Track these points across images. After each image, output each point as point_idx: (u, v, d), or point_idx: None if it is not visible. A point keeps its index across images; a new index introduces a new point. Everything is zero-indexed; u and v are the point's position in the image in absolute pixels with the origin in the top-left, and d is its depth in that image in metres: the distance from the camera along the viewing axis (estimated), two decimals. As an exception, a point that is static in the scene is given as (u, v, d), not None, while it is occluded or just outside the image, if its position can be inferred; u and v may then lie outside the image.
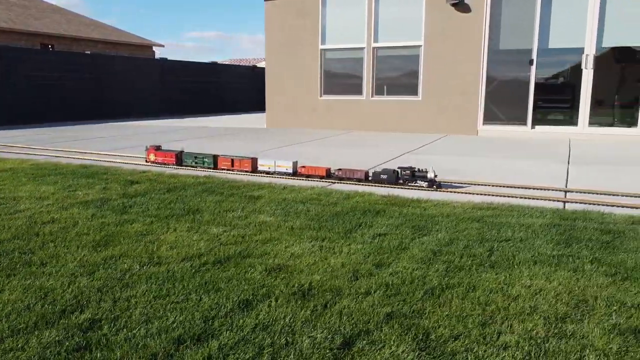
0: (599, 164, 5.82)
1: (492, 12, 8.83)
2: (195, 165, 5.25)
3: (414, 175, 4.29)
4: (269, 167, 4.83)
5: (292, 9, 10.36)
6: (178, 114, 17.16)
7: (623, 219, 3.30)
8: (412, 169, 4.32)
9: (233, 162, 4.99)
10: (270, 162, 4.83)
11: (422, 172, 4.29)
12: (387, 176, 4.33)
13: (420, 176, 4.26)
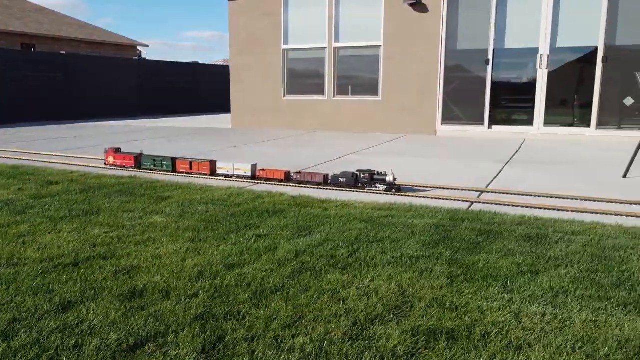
0: (537, 164, 5.83)
1: (449, 12, 8.84)
2: (154, 168, 5.12)
3: (372, 178, 4.18)
4: (228, 170, 4.73)
5: (256, 9, 10.35)
6: (156, 114, 17.13)
7: (512, 220, 3.30)
8: (372, 172, 4.20)
9: (191, 165, 4.89)
10: (229, 165, 4.74)
11: (381, 175, 4.18)
12: (346, 180, 4.24)
13: (379, 179, 4.16)
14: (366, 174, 4.20)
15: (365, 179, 4.19)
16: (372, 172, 4.20)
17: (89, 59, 17.08)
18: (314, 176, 4.38)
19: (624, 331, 1.80)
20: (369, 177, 4.18)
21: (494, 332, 1.80)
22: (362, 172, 4.22)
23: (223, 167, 4.76)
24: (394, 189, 4.11)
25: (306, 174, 4.45)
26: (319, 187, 4.32)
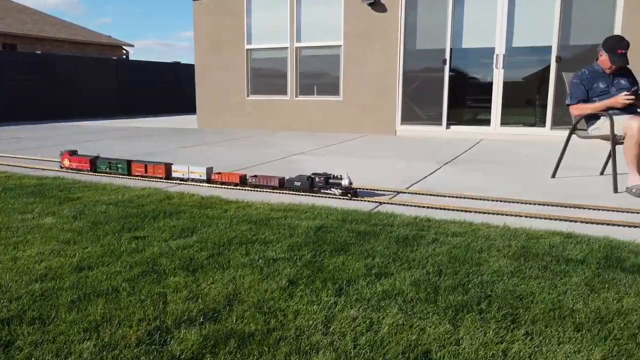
0: (478, 164, 5.84)
1: (407, 12, 8.81)
2: (109, 171, 4.98)
3: (327, 182, 4.01)
4: (183, 173, 4.58)
5: (219, 9, 10.32)
6: (138, 114, 17.11)
7: (401, 221, 3.27)
8: (327, 176, 4.04)
9: (147, 168, 4.75)
10: (184, 168, 4.58)
11: (336, 179, 4.00)
12: (301, 183, 4.08)
13: (335, 183, 3.98)
14: (321, 177, 4.03)
15: (321, 183, 4.02)
16: (327, 176, 4.03)
17: (67, 58, 17.04)
18: (269, 180, 4.22)
19: (420, 336, 1.77)
20: (324, 181, 4.01)
21: (291, 337, 1.77)
22: (317, 176, 4.06)
23: (178, 171, 4.61)
24: (350, 194, 3.93)
25: (262, 178, 4.27)
26: (274, 190, 4.17)
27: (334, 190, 3.98)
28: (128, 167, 4.87)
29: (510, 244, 2.75)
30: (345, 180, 3.93)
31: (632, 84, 4.59)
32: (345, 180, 3.93)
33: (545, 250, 2.65)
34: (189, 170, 4.55)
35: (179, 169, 4.62)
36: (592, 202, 3.79)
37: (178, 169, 4.63)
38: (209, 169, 4.51)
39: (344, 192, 3.94)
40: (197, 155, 6.74)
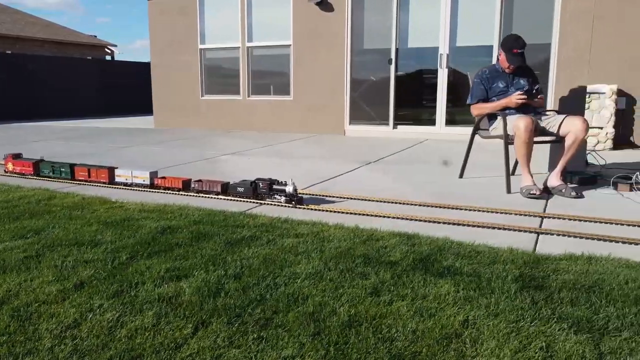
0: (399, 165, 5.81)
1: (353, 12, 8.77)
2: (52, 175, 4.77)
3: (271, 188, 3.77)
4: (126, 178, 4.40)
5: (173, 9, 10.28)
6: (115, 114, 17.06)
7: (257, 222, 3.23)
8: (271, 181, 3.79)
9: (90, 172, 4.56)
10: (127, 172, 4.40)
11: (280, 185, 3.74)
12: (244, 189, 3.85)
13: (278, 190, 3.73)
14: (265, 183, 3.79)
15: (264, 189, 3.79)
16: (272, 182, 3.78)
17: (43, 58, 17.03)
18: (212, 185, 4.01)
19: (150, 340, 1.73)
20: (267, 187, 3.78)
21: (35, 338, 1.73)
22: (261, 181, 3.82)
23: (122, 175, 4.43)
24: (294, 201, 3.68)
25: (205, 183, 4.05)
26: (217, 196, 3.96)
27: (277, 197, 3.74)
28: (71, 171, 4.68)
29: (340, 245, 2.71)
30: (290, 186, 3.66)
31: (532, 83, 4.55)
32: (290, 186, 3.66)
33: (367, 252, 2.60)
34: (132, 174, 4.37)
35: (123, 173, 4.43)
36: (480, 203, 3.73)
37: (121, 173, 4.44)
38: (152, 173, 4.32)
39: (289, 199, 3.69)
40: (133, 154, 6.70)
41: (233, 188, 3.92)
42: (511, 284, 2.16)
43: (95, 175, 4.53)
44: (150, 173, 4.30)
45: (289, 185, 3.67)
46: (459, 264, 2.41)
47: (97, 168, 4.54)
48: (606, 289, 2.10)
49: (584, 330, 1.75)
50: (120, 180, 4.43)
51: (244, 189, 3.85)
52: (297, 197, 3.68)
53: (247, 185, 3.84)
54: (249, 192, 3.83)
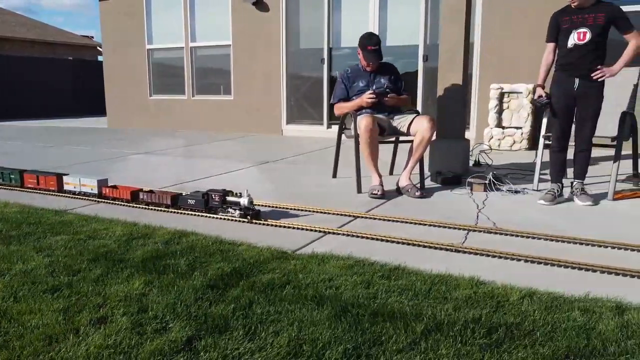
0: (291, 164, 5.81)
1: (288, 12, 8.79)
2: (2, 182, 4.51)
3: (224, 201, 3.38)
4: (74, 186, 4.11)
5: (121, 10, 10.39)
6: (93, 113, 17.28)
7: (74, 219, 3.29)
8: (224, 193, 3.41)
9: (38, 180, 4.31)
10: (76, 180, 4.11)
11: (235, 197, 3.38)
12: (195, 202, 3.47)
13: (232, 202, 3.35)
14: (218, 195, 3.40)
15: (216, 202, 3.40)
16: (225, 193, 3.41)
17: (24, 59, 17.35)
18: (162, 197, 3.66)
19: None
20: (220, 200, 3.39)
21: None
22: (214, 193, 3.42)
23: (70, 183, 4.15)
24: (250, 215, 3.28)
25: (156, 195, 3.70)
26: (167, 210, 3.59)
27: (231, 211, 3.34)
28: (21, 178, 4.43)
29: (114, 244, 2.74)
30: (244, 198, 3.27)
31: (394, 82, 4.53)
32: (244, 198, 3.27)
33: (109, 250, 2.64)
34: (80, 182, 4.08)
35: (71, 180, 4.15)
36: (328, 204, 3.69)
37: (70, 180, 4.16)
38: (100, 181, 4.00)
39: (243, 214, 3.29)
40: (50, 154, 6.81)
41: (184, 200, 3.55)
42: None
43: (44, 182, 4.27)
44: (99, 181, 3.98)
45: (244, 197, 3.28)
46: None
47: (46, 175, 4.29)
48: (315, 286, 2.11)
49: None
50: (68, 189, 4.16)
51: (195, 202, 3.48)
52: (253, 210, 3.29)
53: (198, 198, 3.46)
54: (201, 205, 3.45)
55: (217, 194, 3.40)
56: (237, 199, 3.32)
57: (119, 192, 3.87)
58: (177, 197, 3.60)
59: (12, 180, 4.46)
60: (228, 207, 3.36)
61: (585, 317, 1.85)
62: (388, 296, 2.05)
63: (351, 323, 1.81)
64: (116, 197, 3.89)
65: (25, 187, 4.39)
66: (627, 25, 3.72)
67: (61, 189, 4.19)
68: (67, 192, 4.16)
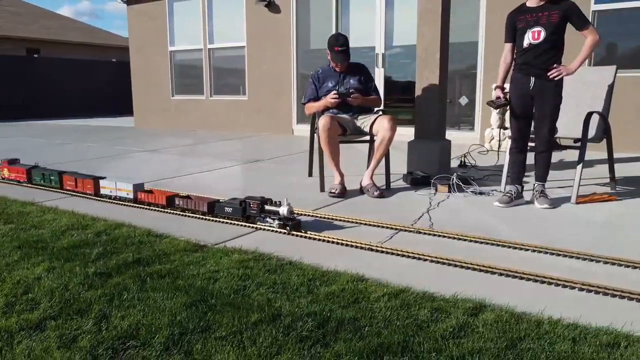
0: (278, 164, 5.92)
1: (298, 13, 8.91)
2: (43, 183, 4.45)
3: (263, 209, 3.14)
4: (111, 190, 3.96)
5: (146, 14, 10.84)
6: (129, 113, 18.10)
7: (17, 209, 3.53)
8: (263, 201, 3.17)
9: (77, 182, 4.19)
10: (112, 184, 3.96)
11: (274, 205, 3.13)
12: (232, 210, 3.26)
13: (271, 211, 3.11)
14: (256, 203, 3.17)
15: (254, 211, 3.18)
16: (263, 201, 3.17)
17: (63, 61, 18.34)
18: (199, 203, 3.44)
19: None
20: (258, 208, 3.16)
21: None
22: (252, 201, 3.20)
23: (107, 187, 4.00)
24: (289, 226, 3.01)
25: (192, 201, 3.49)
26: (203, 217, 3.39)
27: (270, 221, 3.10)
28: (60, 180, 4.35)
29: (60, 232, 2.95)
30: (284, 207, 3.02)
31: (364, 82, 4.55)
32: (284, 207, 3.02)
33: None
34: (117, 186, 3.93)
35: (107, 184, 4.00)
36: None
37: (106, 184, 4.01)
38: (136, 186, 3.83)
39: (282, 224, 3.04)
40: (59, 151, 7.23)
41: (220, 208, 3.35)
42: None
43: (81, 185, 4.17)
44: (134, 186, 3.82)
45: (283, 206, 3.02)
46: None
47: (84, 178, 4.18)
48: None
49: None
50: (105, 192, 4.01)
51: (232, 210, 3.26)
52: (293, 220, 3.04)
53: (235, 206, 3.25)
54: (238, 213, 3.24)
55: (254, 202, 3.16)
56: (275, 208, 3.07)
57: (154, 197, 3.68)
58: (214, 204, 3.39)
59: (52, 182, 4.39)
60: (266, 216, 3.12)
61: (431, 315, 1.85)
62: (255, 289, 2.12)
63: (197, 311, 1.89)
64: (151, 203, 3.69)
65: (64, 189, 4.29)
66: (583, 21, 3.60)
67: (98, 192, 4.05)
68: (104, 196, 4.00)
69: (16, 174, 4.67)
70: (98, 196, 4.03)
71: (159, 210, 3.61)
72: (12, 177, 4.70)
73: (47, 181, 4.42)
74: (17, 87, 15.86)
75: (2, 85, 15.43)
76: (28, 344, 1.68)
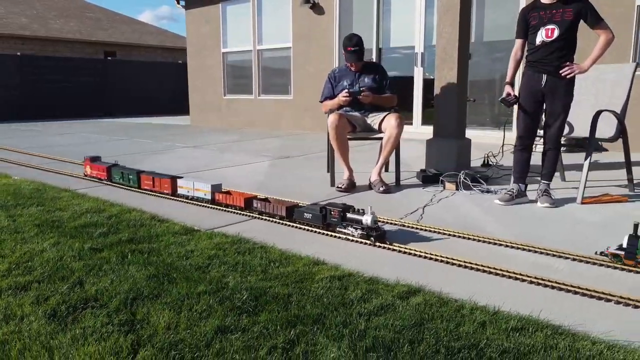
0: (302, 160, 6.15)
1: (341, 14, 9.10)
2: (122, 182, 4.46)
3: (344, 217, 2.94)
4: (188, 190, 3.90)
5: (201, 17, 11.44)
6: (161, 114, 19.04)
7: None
8: (344, 208, 2.97)
9: (154, 182, 4.17)
10: (189, 184, 3.90)
11: (356, 214, 2.90)
12: (312, 216, 3.10)
13: (353, 220, 2.88)
14: (336, 210, 2.98)
15: (335, 218, 2.99)
16: (344, 209, 2.97)
17: (131, 63, 19.59)
18: (277, 207, 3.32)
19: None
20: (339, 215, 2.96)
21: None
22: (332, 208, 3.01)
23: (184, 187, 3.94)
24: (373, 236, 2.77)
25: (270, 204, 3.36)
26: (282, 221, 3.25)
27: (351, 230, 2.88)
28: (138, 180, 4.32)
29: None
30: (367, 216, 2.79)
31: (379, 81, 4.67)
32: (367, 216, 2.79)
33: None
34: (194, 187, 3.86)
35: (184, 184, 3.94)
36: (302, 197, 4.01)
37: (183, 184, 3.95)
38: (214, 186, 3.73)
39: (366, 234, 2.81)
40: (112, 145, 7.86)
41: (300, 214, 3.18)
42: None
43: (159, 185, 4.13)
44: (212, 187, 3.73)
45: (367, 214, 2.80)
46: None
47: (161, 177, 4.12)
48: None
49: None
50: (182, 192, 3.95)
51: (312, 216, 3.10)
52: (377, 230, 2.79)
53: (315, 212, 3.08)
54: (318, 220, 3.06)
55: (335, 209, 2.98)
56: (358, 217, 2.85)
57: (232, 198, 3.58)
58: (292, 209, 3.23)
59: (130, 181, 4.37)
60: (348, 225, 2.91)
61: (362, 296, 2.00)
62: (217, 267, 2.35)
63: (156, 282, 2.15)
64: (229, 204, 3.60)
65: (142, 189, 4.26)
66: (597, 19, 3.54)
67: (175, 192, 4.00)
68: (181, 196, 3.94)
69: (97, 171, 4.72)
70: (175, 196, 3.96)
71: (236, 212, 3.51)
72: (94, 174, 4.75)
73: (126, 180, 4.41)
74: (91, 87, 17.15)
75: (78, 86, 16.74)
76: (9, 300, 2.00)
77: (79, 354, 1.57)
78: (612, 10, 6.32)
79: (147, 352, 1.58)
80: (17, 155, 6.47)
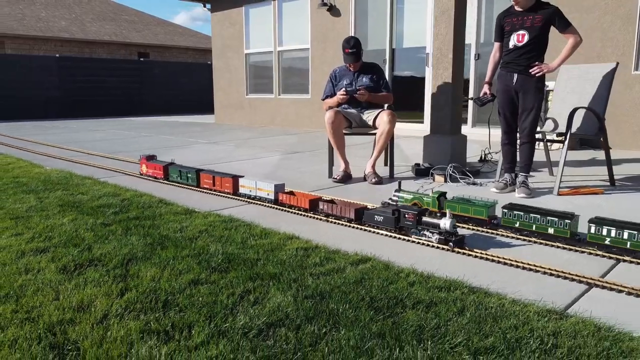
0: (310, 156, 6.53)
1: (356, 16, 9.44)
2: (179, 181, 4.42)
3: (420, 221, 2.77)
4: (250, 189, 3.82)
5: (226, 19, 11.96)
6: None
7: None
8: (420, 212, 2.80)
9: (214, 181, 4.10)
10: (252, 183, 3.81)
11: (433, 217, 2.74)
12: (384, 219, 2.93)
13: (430, 224, 2.72)
14: (412, 214, 2.80)
15: (410, 221, 2.81)
16: (420, 212, 2.80)
17: (166, 64, 20.35)
18: (344, 209, 3.16)
19: None
20: (414, 219, 2.79)
21: None
22: (407, 212, 2.84)
23: (246, 186, 3.86)
24: (452, 242, 2.61)
25: (337, 206, 3.20)
26: (350, 224, 3.11)
27: (428, 234, 2.72)
28: (197, 178, 4.26)
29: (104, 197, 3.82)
30: (446, 220, 2.63)
31: (375, 80, 5.00)
32: (446, 220, 2.63)
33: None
34: (257, 186, 3.77)
35: (246, 184, 3.85)
36: (303, 187, 4.44)
37: (245, 184, 3.86)
38: (277, 186, 3.64)
39: (444, 239, 2.65)
40: (138, 141, 8.42)
41: (369, 216, 3.02)
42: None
43: (219, 185, 4.05)
44: (276, 186, 3.63)
45: (446, 218, 2.64)
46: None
47: (222, 176, 4.05)
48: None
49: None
50: (243, 192, 3.88)
51: (384, 219, 2.93)
52: (456, 236, 2.64)
53: (387, 215, 2.91)
54: (390, 224, 2.89)
55: (410, 212, 2.80)
56: (436, 221, 2.69)
57: (296, 199, 3.46)
58: (361, 212, 3.08)
59: (189, 179, 4.33)
60: (423, 230, 2.75)
61: (319, 261, 2.35)
62: (205, 238, 2.74)
63: (151, 248, 2.56)
64: (293, 205, 3.49)
65: (201, 187, 4.21)
66: (565, 24, 3.82)
67: (236, 191, 3.93)
68: (243, 195, 3.87)
69: (153, 170, 4.69)
70: (236, 195, 3.90)
71: (300, 214, 3.39)
72: (150, 173, 4.73)
73: (184, 179, 4.36)
74: (125, 87, 17.96)
75: (113, 86, 17.57)
76: (30, 259, 2.44)
77: (79, 294, 1.99)
78: (616, 10, 6.48)
79: (131, 294, 1.98)
80: (53, 149, 7.07)
